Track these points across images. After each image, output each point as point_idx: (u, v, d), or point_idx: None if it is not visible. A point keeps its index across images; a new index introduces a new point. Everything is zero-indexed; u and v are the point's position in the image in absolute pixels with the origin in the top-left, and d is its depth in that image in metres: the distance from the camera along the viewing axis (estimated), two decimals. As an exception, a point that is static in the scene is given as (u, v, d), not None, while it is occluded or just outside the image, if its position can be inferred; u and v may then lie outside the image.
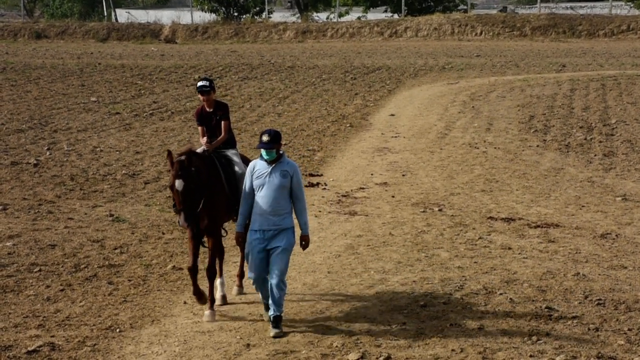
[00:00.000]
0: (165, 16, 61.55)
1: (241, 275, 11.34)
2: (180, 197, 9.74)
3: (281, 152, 9.65)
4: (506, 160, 19.82)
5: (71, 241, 13.67)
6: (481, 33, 53.38)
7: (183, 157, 9.89)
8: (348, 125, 24.99)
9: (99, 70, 36.67)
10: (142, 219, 15.01)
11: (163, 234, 14.21)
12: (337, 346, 9.32)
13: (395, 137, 23.07)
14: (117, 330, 10.14)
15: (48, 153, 20.46)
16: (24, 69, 37.00)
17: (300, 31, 56.10)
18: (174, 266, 12.41)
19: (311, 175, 18.78)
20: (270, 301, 9.65)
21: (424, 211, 15.36)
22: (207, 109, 11.09)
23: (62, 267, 12.42)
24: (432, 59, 41.43)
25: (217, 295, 10.86)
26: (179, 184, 9.74)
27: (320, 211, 15.64)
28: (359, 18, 59.26)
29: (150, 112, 26.78)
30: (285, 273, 9.62)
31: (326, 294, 11.12)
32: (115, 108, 27.37)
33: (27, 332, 10.03)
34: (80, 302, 11.09)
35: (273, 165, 9.57)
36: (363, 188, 17.41)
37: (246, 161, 11.00)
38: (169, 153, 10.04)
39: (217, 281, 10.89)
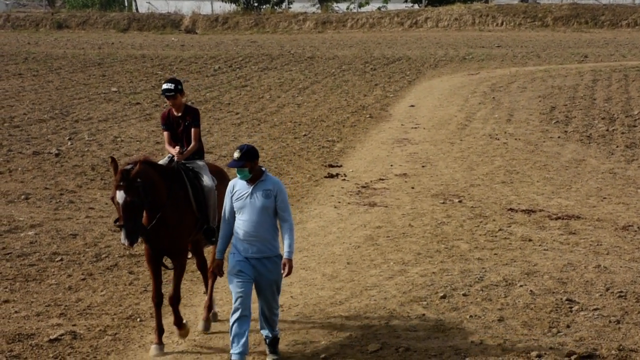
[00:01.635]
0: (186, 6, 61.61)
1: (209, 307, 10.00)
2: (122, 211, 8.57)
3: (263, 169, 8.57)
4: (527, 152, 19.74)
5: (92, 231, 13.75)
6: (502, 23, 53.13)
7: (128, 167, 8.73)
8: (368, 116, 24.95)
9: (119, 61, 36.79)
10: (163, 209, 15.04)
11: (183, 224, 14.23)
12: (356, 337, 9.33)
13: (415, 128, 23.02)
14: (138, 319, 10.19)
15: (69, 143, 20.56)
16: (46, 59, 37.17)
17: (320, 22, 56.03)
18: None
19: (331, 166, 18.77)
20: (262, 323, 8.77)
21: (443, 202, 15.33)
22: (175, 113, 9.98)
23: (84, 256, 12.49)
24: (452, 50, 41.29)
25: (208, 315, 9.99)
26: (120, 196, 8.55)
27: (339, 202, 15.64)
28: (379, 8, 59.12)
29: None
30: (277, 300, 8.70)
31: (345, 284, 11.13)
32: (136, 98, 27.46)
33: (49, 320, 10.11)
34: (102, 291, 11.16)
35: (254, 184, 8.48)
36: (383, 179, 17.40)
37: (219, 174, 10.13)
38: (113, 160, 8.87)
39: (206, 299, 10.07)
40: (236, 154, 8.39)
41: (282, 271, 8.54)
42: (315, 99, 27.93)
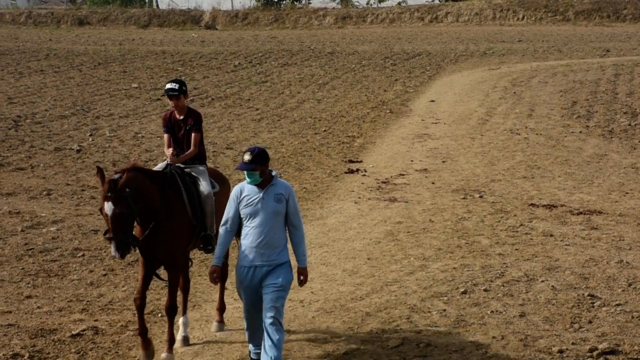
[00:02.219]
0: (206, 2, 62.02)
1: (221, 308, 9.78)
2: (111, 223, 8.18)
3: (273, 173, 8.09)
4: (548, 147, 19.65)
5: (113, 226, 13.79)
6: (523, 18, 52.91)
7: (116, 176, 8.38)
8: (388, 111, 24.91)
9: (140, 57, 36.91)
10: (183, 205, 15.08)
11: (204, 219, 14.26)
12: (376, 333, 9.33)
13: (436, 123, 22.97)
14: (159, 314, 10.23)
15: (90, 139, 20.65)
16: (67, 55, 37.35)
17: (340, 17, 56.01)
18: (214, 252, 12.46)
19: (351, 161, 18.76)
20: (265, 346, 7.94)
21: (464, 198, 15.29)
22: (177, 116, 9.60)
23: (105, 252, 12.55)
24: (473, 45, 41.16)
25: (178, 336, 9.35)
26: (108, 207, 8.18)
27: (359, 197, 15.63)
28: (399, 3, 59.08)
29: (191, 98, 26.92)
30: (282, 314, 7.99)
31: (366, 280, 11.12)
32: (156, 94, 27.54)
33: (71, 316, 10.16)
34: (123, 286, 11.21)
35: (264, 189, 7.98)
36: (403, 174, 17.37)
37: (218, 177, 9.86)
38: (99, 170, 8.53)
39: (180, 320, 9.43)
40: (246, 157, 7.92)
41: (297, 281, 8.10)
42: (336, 94, 27.93)
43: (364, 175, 17.49)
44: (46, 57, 36.55)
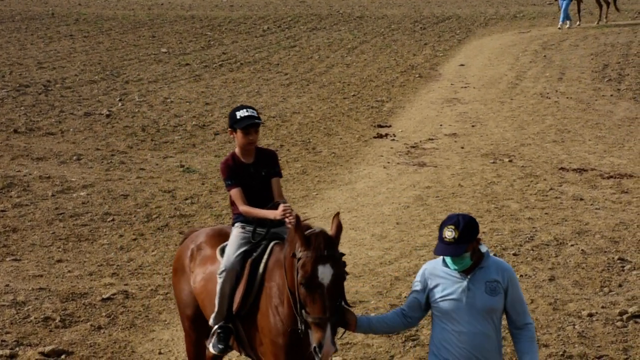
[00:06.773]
0: (234, -33, 61.49)
1: None
2: (327, 295, 5.48)
3: (483, 249, 5.54)
4: (578, 110, 19.48)
5: (143, 191, 13.89)
6: (554, -20, 52.23)
7: (317, 229, 5.68)
8: (417, 75, 24.77)
9: (169, 22, 36.90)
10: (212, 170, 15.15)
11: (233, 184, 14.30)
12: (405, 297, 9.33)
13: (465, 87, 22.81)
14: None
15: (120, 104, 20.72)
16: (96, 20, 37.41)
17: (369, -20, 55.56)
18: (243, 216, 12.51)
19: (380, 126, 18.70)
20: None
21: (493, 162, 15.22)
22: (243, 160, 6.63)
23: (135, 216, 12.63)
24: (503, 8, 40.76)
25: None
26: (325, 272, 5.50)
27: (388, 162, 15.60)
28: (428, -34, 58.48)
29: (220, 63, 26.90)
30: None
31: (395, 245, 11.13)
32: (185, 59, 27.54)
33: (102, 280, 10.26)
34: (153, 251, 11.28)
35: (470, 274, 5.48)
36: (432, 139, 17.30)
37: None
38: (298, 219, 5.71)
39: None
40: (448, 233, 5.39)
41: None
42: (365, 58, 27.79)
43: (393, 139, 17.44)
44: (75, 22, 36.63)
